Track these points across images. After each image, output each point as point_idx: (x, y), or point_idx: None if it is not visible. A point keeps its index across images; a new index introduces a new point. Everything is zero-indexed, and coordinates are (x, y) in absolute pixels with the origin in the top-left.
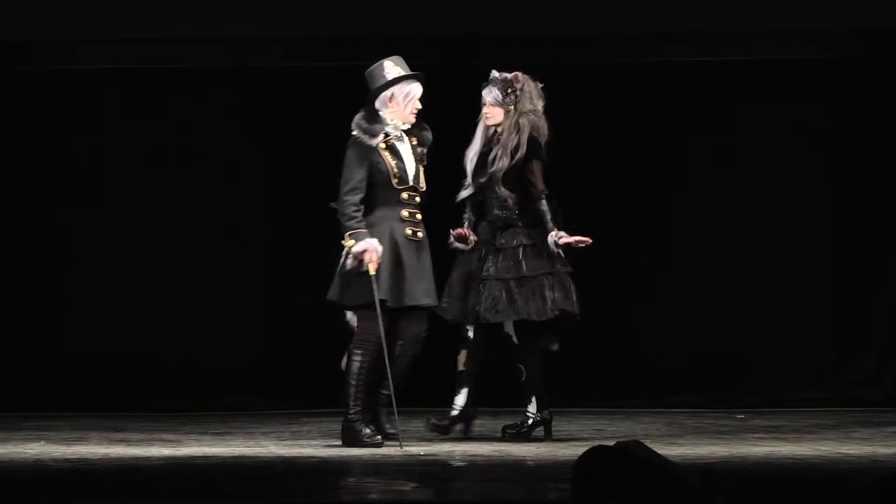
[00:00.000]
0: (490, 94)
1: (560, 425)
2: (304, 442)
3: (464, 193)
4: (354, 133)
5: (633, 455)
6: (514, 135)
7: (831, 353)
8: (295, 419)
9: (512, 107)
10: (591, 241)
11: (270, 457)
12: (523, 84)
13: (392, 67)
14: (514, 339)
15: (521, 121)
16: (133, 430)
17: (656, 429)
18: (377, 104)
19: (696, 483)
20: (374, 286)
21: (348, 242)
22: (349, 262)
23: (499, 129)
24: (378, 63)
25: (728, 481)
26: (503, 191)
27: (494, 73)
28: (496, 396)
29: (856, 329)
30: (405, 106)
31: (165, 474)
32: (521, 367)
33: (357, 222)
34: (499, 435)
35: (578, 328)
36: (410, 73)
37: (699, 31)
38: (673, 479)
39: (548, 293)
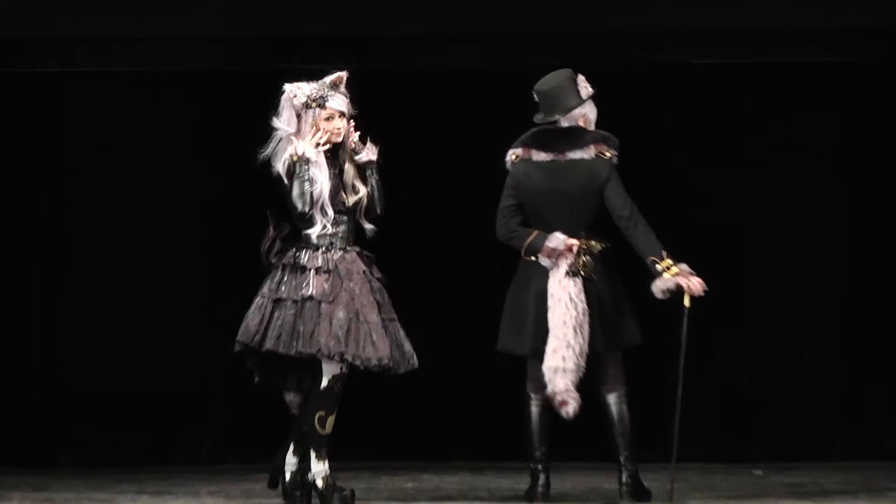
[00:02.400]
0: (344, 104)
1: (553, 482)
2: (256, 502)
3: (319, 230)
4: (611, 154)
5: None
6: (359, 149)
7: (858, 398)
8: (247, 476)
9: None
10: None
11: None
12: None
13: (584, 83)
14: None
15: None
16: (60, 487)
17: (659, 486)
18: (566, 121)
19: None
20: (685, 320)
21: (674, 270)
22: (669, 286)
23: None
24: (568, 75)
25: None
26: (364, 221)
27: (283, 87)
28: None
29: (885, 373)
30: None
31: None
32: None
33: None
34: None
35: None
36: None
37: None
38: None
39: None
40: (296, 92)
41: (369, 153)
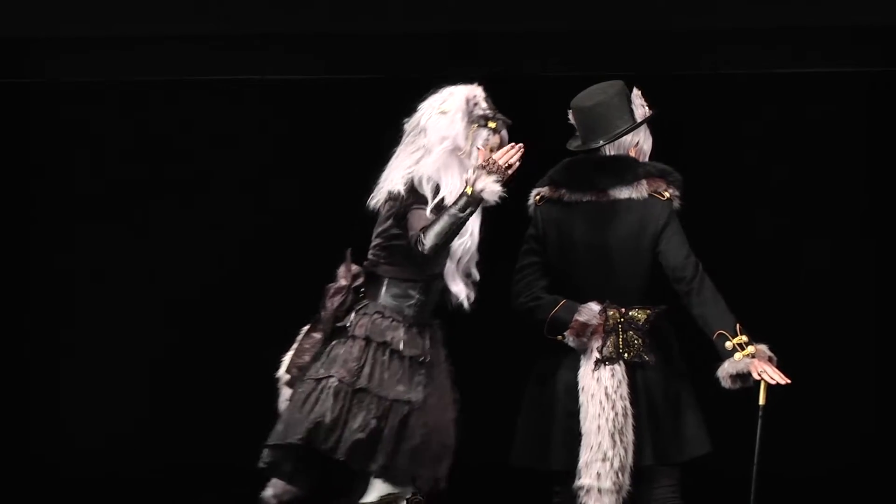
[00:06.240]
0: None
1: None
2: None
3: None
4: (671, 194)
5: None
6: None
7: None
8: None
9: None
10: None
11: None
12: None
13: (639, 100)
14: None
15: None
16: None
17: None
18: (611, 150)
19: None
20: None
21: (749, 350)
22: (741, 370)
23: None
24: (619, 88)
25: None
26: (457, 281)
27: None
28: None
29: None
30: None
31: None
32: None
33: None
34: None
35: None
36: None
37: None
38: None
39: None
40: (479, 99)
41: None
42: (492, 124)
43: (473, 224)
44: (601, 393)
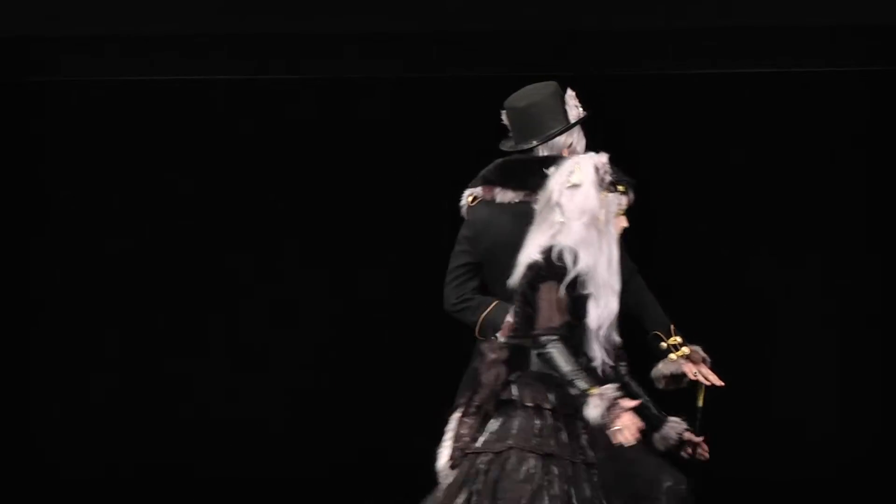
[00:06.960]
0: None
1: None
2: None
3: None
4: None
5: None
6: None
7: None
8: None
9: None
10: None
11: None
12: None
13: (573, 101)
14: None
15: None
16: None
17: None
18: (545, 150)
19: None
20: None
21: (684, 351)
22: (674, 371)
23: None
24: (553, 90)
25: None
26: None
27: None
28: None
29: None
30: None
31: None
32: None
33: None
34: None
35: None
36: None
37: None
38: None
39: None
40: (607, 166)
41: None
42: (621, 188)
43: (610, 293)
44: None
